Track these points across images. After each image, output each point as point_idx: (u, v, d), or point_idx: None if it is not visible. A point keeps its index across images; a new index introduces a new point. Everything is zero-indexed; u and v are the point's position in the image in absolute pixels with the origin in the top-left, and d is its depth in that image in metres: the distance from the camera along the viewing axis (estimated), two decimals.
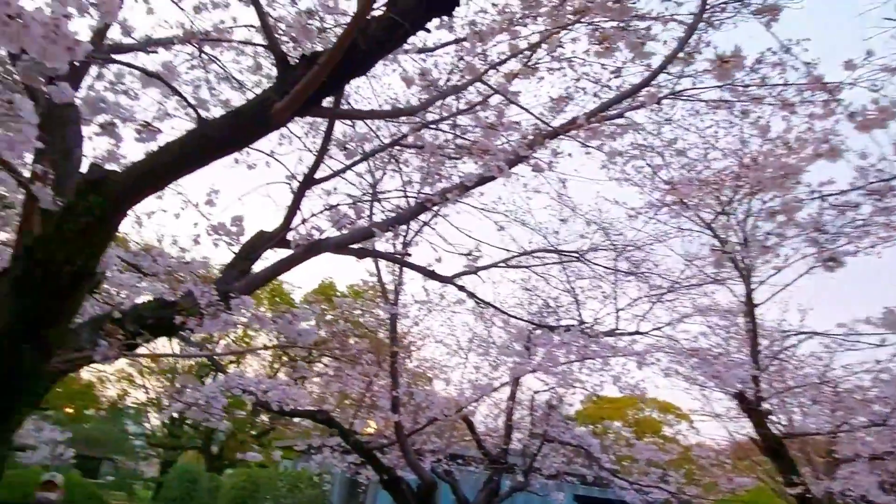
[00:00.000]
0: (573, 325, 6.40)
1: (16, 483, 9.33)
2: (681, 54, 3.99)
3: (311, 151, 5.06)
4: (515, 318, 6.12)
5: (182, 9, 3.89)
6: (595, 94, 5.08)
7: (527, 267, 6.23)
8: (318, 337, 3.12)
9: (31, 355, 2.13)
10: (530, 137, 3.24)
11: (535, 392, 7.98)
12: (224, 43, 4.15)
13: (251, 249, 4.19)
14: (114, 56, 3.44)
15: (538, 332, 6.41)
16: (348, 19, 2.97)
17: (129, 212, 2.20)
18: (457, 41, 4.14)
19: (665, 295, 7.09)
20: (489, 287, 9.97)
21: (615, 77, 4.91)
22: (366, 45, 1.89)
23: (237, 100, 4.63)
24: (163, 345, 9.31)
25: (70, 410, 20.81)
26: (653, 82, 4.33)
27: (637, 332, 6.94)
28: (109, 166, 2.38)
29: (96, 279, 2.24)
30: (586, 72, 5.09)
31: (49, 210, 2.61)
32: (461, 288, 4.55)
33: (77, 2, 1.63)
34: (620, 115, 4.14)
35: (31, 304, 2.08)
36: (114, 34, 3.83)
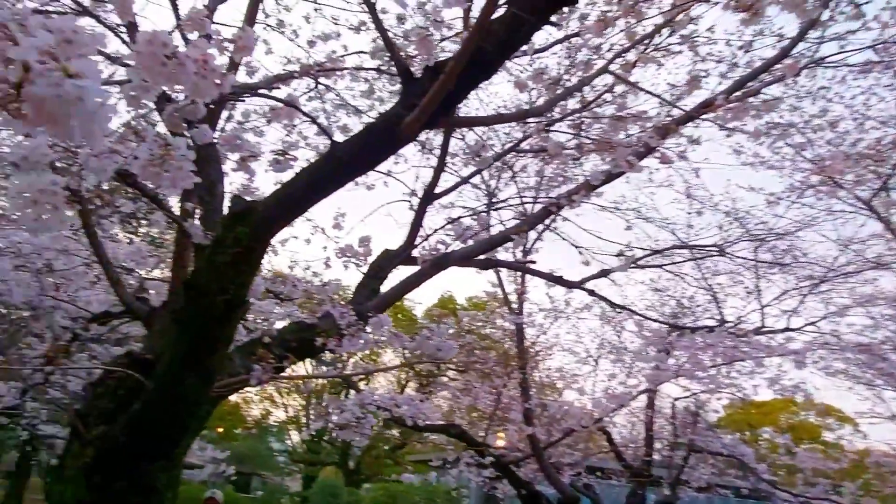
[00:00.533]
0: (715, 326, 5.94)
1: (183, 499, 10.17)
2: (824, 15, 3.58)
3: (426, 167, 5.12)
4: (651, 319, 5.77)
5: (298, 45, 4.07)
6: (722, 75, 4.71)
7: (658, 266, 5.87)
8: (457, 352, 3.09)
9: (195, 383, 2.24)
10: (661, 126, 3.01)
11: (675, 399, 7.50)
12: (338, 71, 4.29)
13: (379, 269, 4.26)
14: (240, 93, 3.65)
15: (675, 334, 6.00)
16: (454, 31, 2.94)
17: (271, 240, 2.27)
18: (566, 38, 4.00)
19: (818, 286, 6.39)
20: (616, 290, 9.57)
21: (746, 52, 4.51)
22: (491, 46, 1.81)
23: (354, 125, 4.78)
24: (299, 366, 9.79)
25: (220, 430, 22.65)
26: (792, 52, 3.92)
27: (788, 329, 6.31)
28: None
29: (246, 307, 2.33)
30: (710, 52, 4.72)
31: (200, 244, 2.79)
32: (591, 292, 4.35)
33: (217, 42, 1.71)
34: (757, 93, 3.77)
35: (191, 335, 2.19)
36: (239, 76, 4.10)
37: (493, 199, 5.41)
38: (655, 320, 5.98)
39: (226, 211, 2.52)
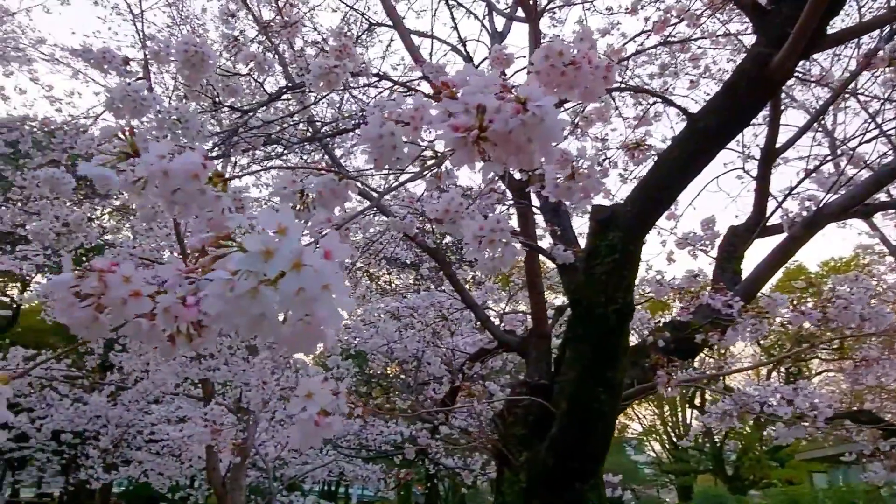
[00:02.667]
0: None
1: None
2: None
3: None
4: None
5: None
6: None
7: None
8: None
9: (604, 398, 2.23)
10: None
11: None
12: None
13: (731, 248, 3.83)
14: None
15: None
16: None
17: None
18: None
19: None
20: None
21: None
22: None
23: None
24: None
25: None
26: None
27: None
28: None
29: (633, 311, 2.26)
30: None
31: (564, 264, 2.84)
32: None
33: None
34: None
35: (590, 351, 2.19)
36: None
37: (835, 137, 4.48)
38: None
39: (582, 224, 2.53)
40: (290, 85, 2.40)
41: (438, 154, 1.36)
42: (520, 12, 4.06)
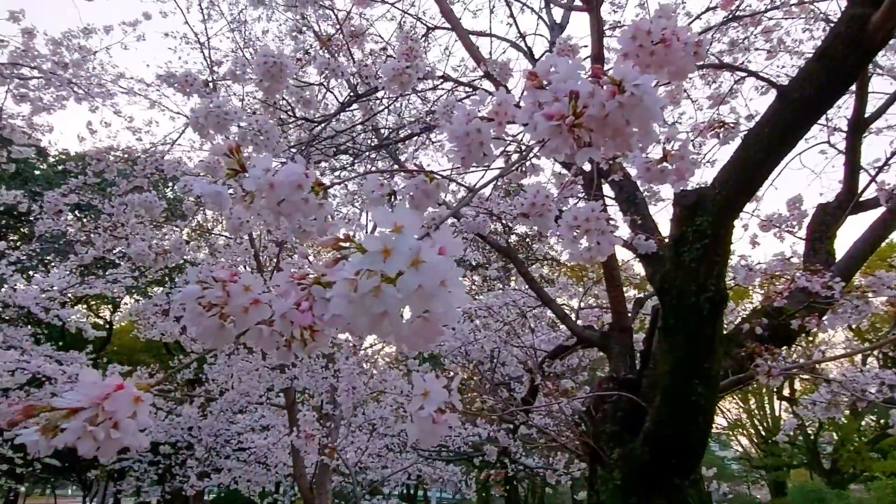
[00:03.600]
0: None
1: None
2: None
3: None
4: None
5: None
6: None
7: None
8: None
9: (701, 390, 2.14)
10: None
11: None
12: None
13: (822, 227, 3.61)
14: None
15: None
16: None
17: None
18: None
19: None
20: None
21: None
22: None
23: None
24: None
25: None
26: None
27: None
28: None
29: (726, 299, 2.15)
30: None
31: (646, 254, 2.75)
32: None
33: None
34: None
35: (683, 342, 2.11)
36: None
37: None
38: None
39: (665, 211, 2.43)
40: (359, 93, 2.45)
41: (524, 147, 1.34)
42: (578, 1, 3.98)
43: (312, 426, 3.84)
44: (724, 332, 3.04)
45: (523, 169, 1.30)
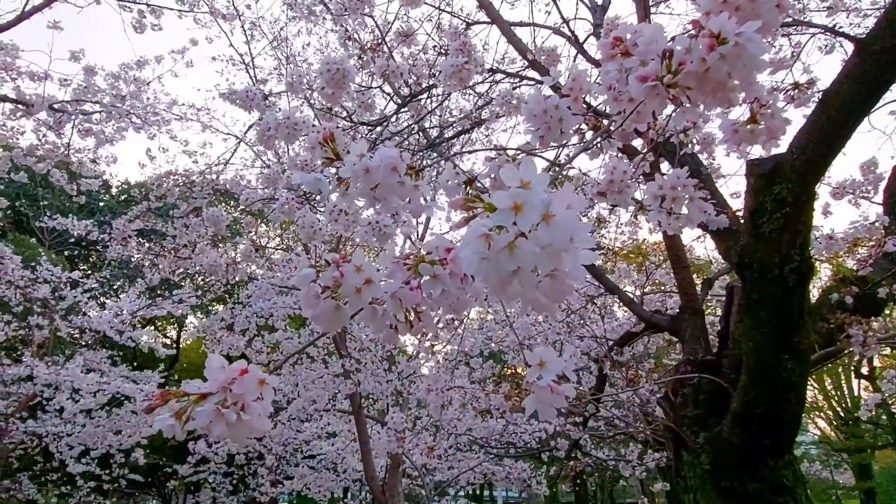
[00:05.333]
0: None
1: None
2: None
3: None
4: None
5: None
6: None
7: None
8: None
9: (791, 365, 2.05)
10: None
11: None
12: None
13: None
14: None
15: None
16: None
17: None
18: None
19: None
20: None
21: None
22: None
23: None
24: None
25: None
26: None
27: None
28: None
29: (813, 268, 2.06)
30: None
31: (718, 230, 2.66)
32: None
33: None
34: None
35: (769, 317, 2.02)
36: None
37: None
38: None
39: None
40: (413, 92, 2.46)
41: (603, 121, 1.31)
42: None
43: (401, 426, 3.86)
44: (824, 302, 2.90)
45: (599, 145, 1.27)
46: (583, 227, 0.55)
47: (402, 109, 2.74)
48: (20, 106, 4.84)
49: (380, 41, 2.59)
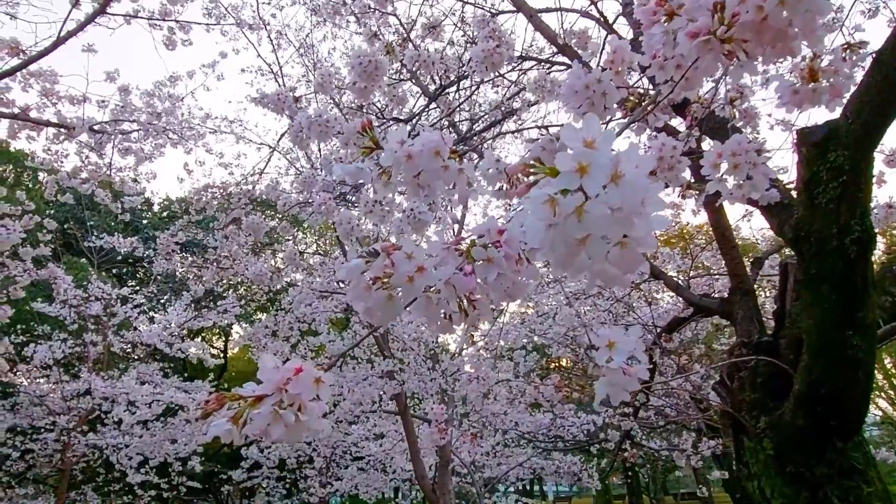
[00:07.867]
0: None
1: None
2: None
3: None
4: None
5: None
6: None
7: None
8: None
9: (856, 342, 1.94)
10: None
11: None
12: None
13: None
14: None
15: None
16: None
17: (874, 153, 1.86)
18: None
19: None
20: None
21: None
22: None
23: None
24: None
25: None
26: None
27: None
28: None
29: (874, 239, 1.95)
30: None
31: (771, 203, 2.55)
32: None
33: None
34: None
35: (831, 290, 1.92)
36: None
37: None
38: None
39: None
40: (443, 84, 2.43)
41: (647, 92, 1.26)
42: None
43: (442, 417, 3.85)
44: (886, 274, 2.77)
45: (645, 118, 1.21)
46: (654, 188, 0.50)
47: (432, 105, 2.71)
48: (62, 129, 4.99)
49: (405, 37, 2.57)
